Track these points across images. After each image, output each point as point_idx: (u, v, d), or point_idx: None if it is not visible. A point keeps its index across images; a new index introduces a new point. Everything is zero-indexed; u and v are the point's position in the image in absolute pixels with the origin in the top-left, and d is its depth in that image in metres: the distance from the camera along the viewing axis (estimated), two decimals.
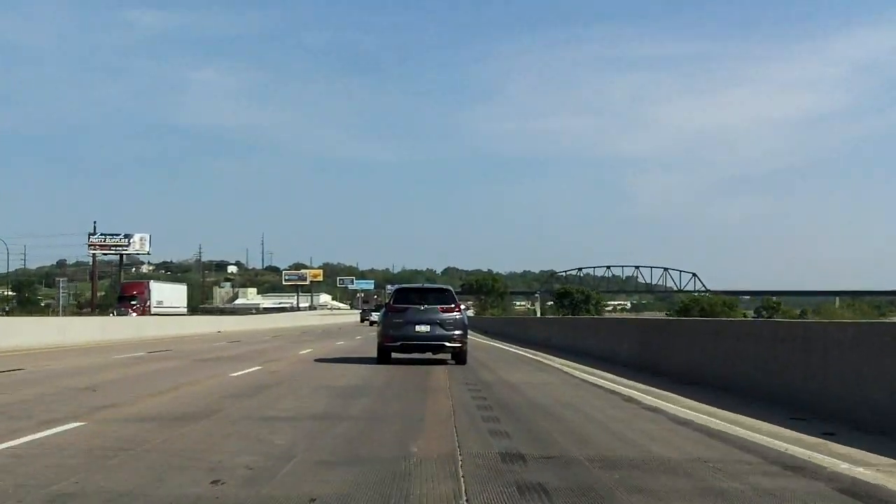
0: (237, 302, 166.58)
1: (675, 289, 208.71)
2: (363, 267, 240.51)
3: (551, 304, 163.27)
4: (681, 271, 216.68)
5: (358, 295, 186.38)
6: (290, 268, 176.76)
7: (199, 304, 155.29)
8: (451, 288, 21.88)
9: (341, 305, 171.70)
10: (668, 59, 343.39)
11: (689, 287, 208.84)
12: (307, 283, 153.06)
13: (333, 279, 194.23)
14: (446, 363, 20.01)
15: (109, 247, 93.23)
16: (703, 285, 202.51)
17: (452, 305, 19.34)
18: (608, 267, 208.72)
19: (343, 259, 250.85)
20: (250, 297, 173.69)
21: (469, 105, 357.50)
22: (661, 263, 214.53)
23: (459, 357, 19.52)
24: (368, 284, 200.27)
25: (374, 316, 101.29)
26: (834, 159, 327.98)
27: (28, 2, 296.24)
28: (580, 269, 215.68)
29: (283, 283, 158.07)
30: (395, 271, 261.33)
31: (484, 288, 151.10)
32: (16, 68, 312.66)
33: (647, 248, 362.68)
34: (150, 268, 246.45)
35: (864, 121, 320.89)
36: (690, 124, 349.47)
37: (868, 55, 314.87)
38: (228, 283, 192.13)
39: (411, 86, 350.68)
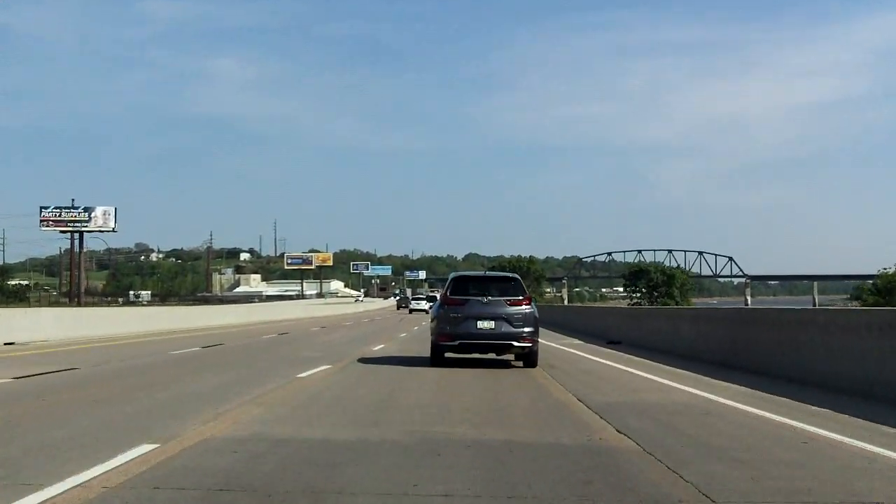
0: (238, 290, 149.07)
1: (711, 274, 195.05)
2: (381, 255, 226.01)
3: (622, 291, 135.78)
4: (716, 255, 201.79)
5: (373, 281, 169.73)
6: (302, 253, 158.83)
7: (203, 292, 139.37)
8: (518, 277, 17.60)
9: (353, 292, 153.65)
10: (686, 45, 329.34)
11: (726, 272, 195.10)
12: (312, 267, 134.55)
13: (349, 265, 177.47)
14: None
15: (65, 222, 75.84)
16: (741, 270, 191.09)
17: (521, 298, 16.27)
18: (639, 251, 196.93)
19: (360, 247, 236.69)
20: (253, 284, 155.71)
21: (487, 93, 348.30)
22: (689, 248, 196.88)
23: (529, 359, 16.44)
24: (385, 270, 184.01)
25: (418, 304, 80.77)
26: (856, 144, 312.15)
27: None
28: (609, 254, 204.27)
29: (286, 267, 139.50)
30: (415, 257, 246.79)
31: (517, 272, 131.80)
32: (34, 61, 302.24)
33: (675, 233, 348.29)
34: (160, 256, 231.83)
35: (885, 106, 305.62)
36: (710, 110, 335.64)
37: (890, 40, 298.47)
38: (230, 270, 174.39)
39: (429, 75, 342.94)
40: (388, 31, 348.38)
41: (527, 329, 15.97)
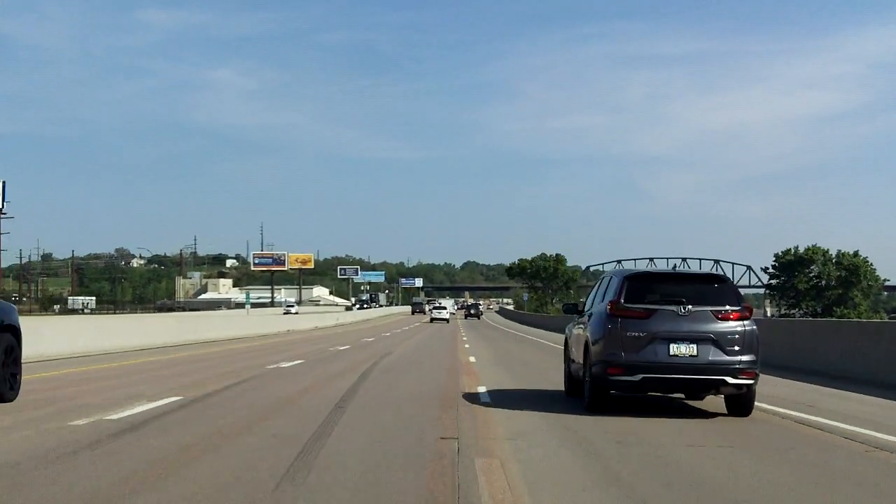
0: (204, 296, 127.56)
1: None
2: (375, 262, 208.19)
3: (766, 292, 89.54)
4: (734, 264, 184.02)
5: (363, 288, 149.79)
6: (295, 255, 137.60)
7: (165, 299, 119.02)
8: (728, 277, 11.28)
9: (339, 300, 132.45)
10: (684, 57, 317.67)
11: (744, 281, 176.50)
12: (285, 268, 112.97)
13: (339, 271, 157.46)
14: None
15: None
16: (760, 279, 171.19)
17: (735, 309, 10.01)
18: (651, 259, 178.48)
19: (354, 254, 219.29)
20: (223, 290, 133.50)
21: (486, 102, 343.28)
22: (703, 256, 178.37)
23: (743, 403, 10.20)
24: (378, 276, 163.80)
25: (442, 313, 63.49)
26: (852, 157, 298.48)
27: (45, 4, 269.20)
28: (619, 262, 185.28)
29: (252, 268, 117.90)
30: (411, 265, 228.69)
31: (541, 275, 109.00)
32: (33, 70, 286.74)
33: (680, 244, 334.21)
34: (141, 262, 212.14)
35: (880, 118, 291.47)
36: (707, 122, 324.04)
37: (884, 52, 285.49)
38: (198, 274, 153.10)
39: (427, 85, 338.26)
40: (387, 40, 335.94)
41: (746, 357, 9.86)
